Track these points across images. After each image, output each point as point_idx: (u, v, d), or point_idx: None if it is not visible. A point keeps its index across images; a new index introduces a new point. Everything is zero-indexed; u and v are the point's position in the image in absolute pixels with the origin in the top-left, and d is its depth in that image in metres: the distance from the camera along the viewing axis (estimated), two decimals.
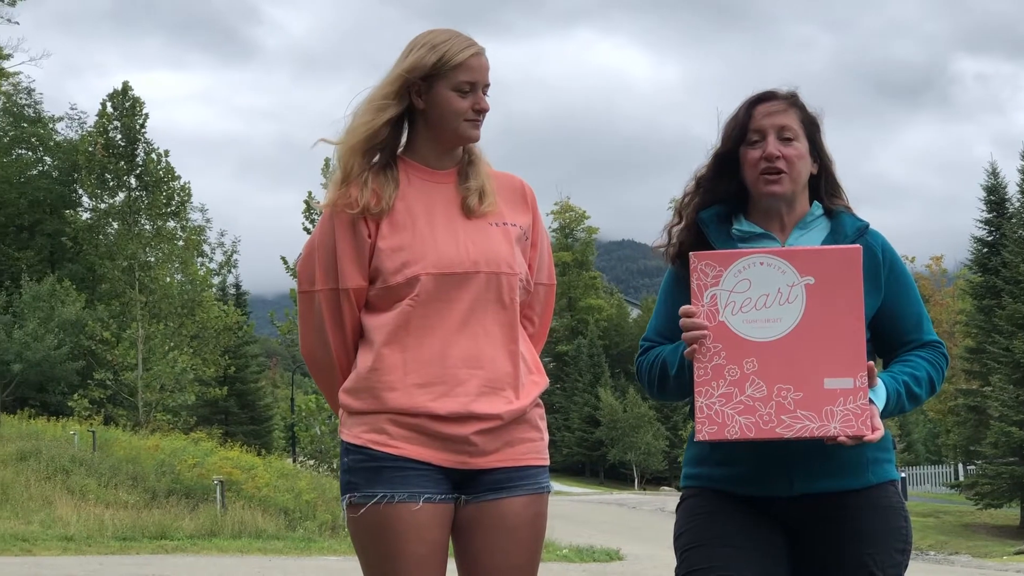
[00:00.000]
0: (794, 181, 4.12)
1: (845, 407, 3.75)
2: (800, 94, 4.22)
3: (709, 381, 3.81)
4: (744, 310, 3.82)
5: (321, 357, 4.24)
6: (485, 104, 4.18)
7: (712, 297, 3.84)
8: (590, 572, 21.08)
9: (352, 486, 4.07)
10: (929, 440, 79.98)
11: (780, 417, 3.76)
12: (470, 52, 4.15)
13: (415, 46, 4.17)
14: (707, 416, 3.80)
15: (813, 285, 3.80)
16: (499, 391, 4.10)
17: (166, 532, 24.32)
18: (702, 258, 3.87)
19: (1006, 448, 42.61)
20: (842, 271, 3.81)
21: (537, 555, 4.27)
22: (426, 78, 4.13)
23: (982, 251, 49.93)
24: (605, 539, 26.95)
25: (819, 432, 3.75)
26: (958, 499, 51.68)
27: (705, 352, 3.83)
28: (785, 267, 3.82)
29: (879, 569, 4.02)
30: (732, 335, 3.82)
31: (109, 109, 53.30)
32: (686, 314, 3.86)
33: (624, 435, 74.04)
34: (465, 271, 4.08)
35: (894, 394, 3.96)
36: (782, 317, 3.80)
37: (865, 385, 3.77)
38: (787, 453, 4.00)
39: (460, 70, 4.12)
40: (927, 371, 4.10)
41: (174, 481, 29.62)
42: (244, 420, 65.02)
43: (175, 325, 51.32)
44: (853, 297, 3.80)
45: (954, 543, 38.82)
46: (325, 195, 4.20)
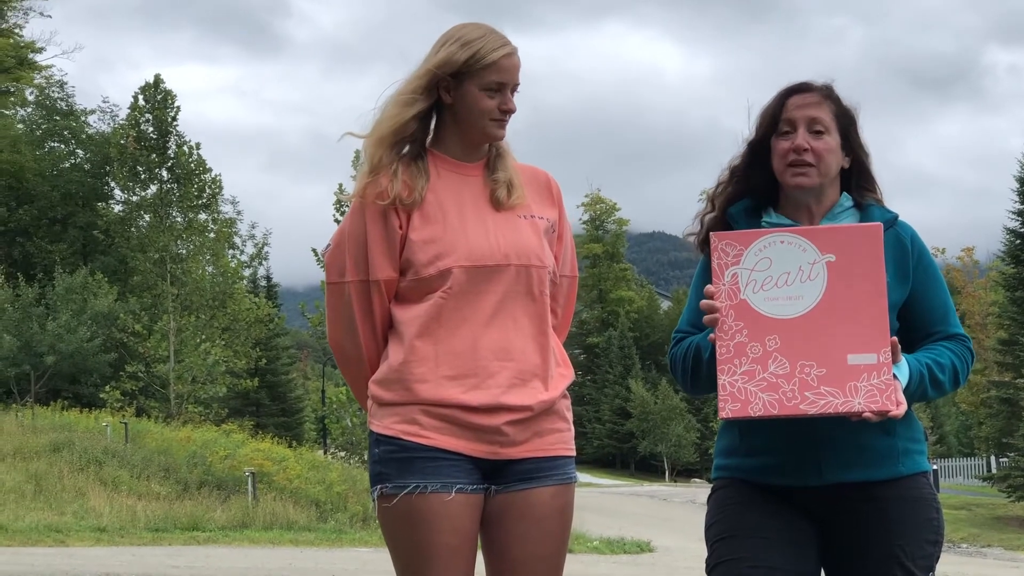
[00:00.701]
0: (822, 175, 4.11)
1: (869, 383, 3.73)
2: (835, 87, 4.21)
3: (732, 359, 3.80)
4: (765, 288, 3.81)
5: (349, 349, 4.25)
6: (512, 105, 4.18)
7: (733, 276, 3.84)
8: (620, 563, 21.08)
9: (384, 476, 4.08)
10: (961, 432, 79.72)
11: (803, 394, 3.75)
12: (502, 52, 4.14)
13: (447, 41, 4.16)
14: (730, 394, 3.79)
15: (834, 262, 3.79)
16: (529, 383, 4.11)
17: (198, 523, 24.40)
18: (723, 238, 3.88)
19: None
20: (863, 248, 3.80)
21: (564, 545, 4.28)
22: (456, 75, 4.13)
23: (1015, 242, 49.68)
24: (636, 531, 26.95)
25: (843, 408, 3.74)
26: (990, 491, 51.46)
27: (727, 330, 3.82)
28: (806, 245, 3.82)
29: (909, 560, 4.01)
30: (754, 313, 3.81)
31: (141, 102, 53.45)
32: (707, 295, 3.86)
33: (655, 427, 73.98)
34: (496, 264, 4.09)
35: (916, 374, 3.94)
36: (804, 294, 3.79)
37: (889, 360, 3.75)
38: (817, 443, 4.00)
39: (491, 70, 4.12)
40: (951, 360, 4.07)
41: (206, 473, 29.72)
42: (275, 412, 65.17)
43: (206, 317, 51.46)
44: (875, 273, 3.79)
45: (986, 536, 38.66)
46: (354, 186, 4.21)
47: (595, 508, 33.68)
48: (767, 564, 3.98)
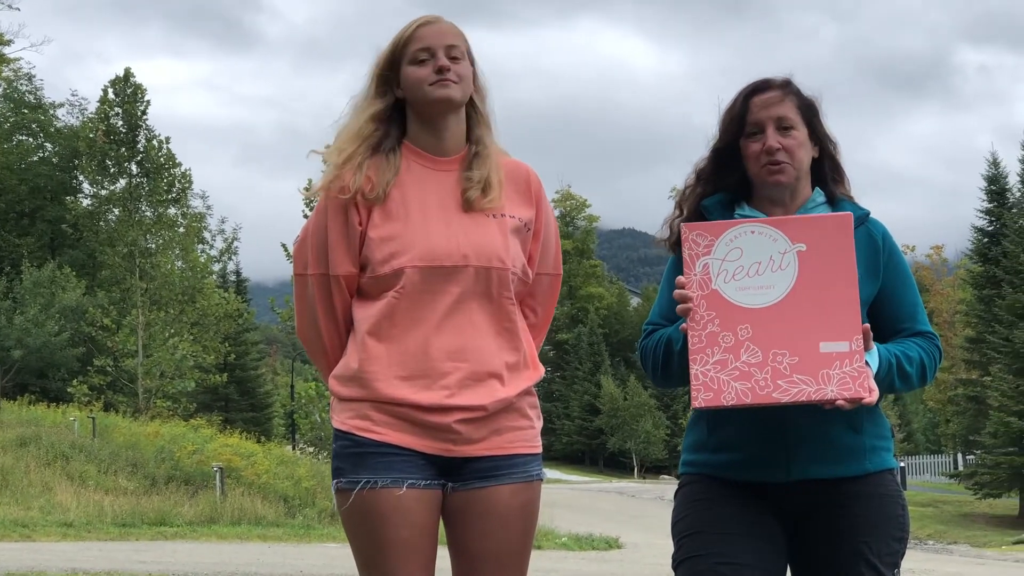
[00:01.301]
0: (797, 169, 4.13)
1: (841, 370, 3.75)
2: (794, 80, 4.22)
3: (704, 348, 3.81)
4: (737, 278, 3.83)
5: (313, 340, 4.26)
6: (444, 62, 4.12)
7: (704, 266, 3.85)
8: (589, 560, 21.11)
9: (339, 471, 4.09)
10: (929, 430, 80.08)
11: (776, 382, 3.76)
12: (417, 24, 4.17)
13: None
14: (703, 383, 3.79)
15: (805, 252, 3.81)
16: (484, 382, 4.08)
17: (165, 518, 24.36)
18: (693, 228, 3.89)
19: (1005, 438, 42.65)
20: (834, 237, 3.82)
21: (527, 544, 4.26)
22: (393, 67, 4.17)
23: (983, 241, 49.98)
24: (604, 527, 26.99)
25: (816, 396, 3.75)
26: (957, 489, 51.70)
27: (699, 320, 3.83)
28: (776, 235, 3.83)
29: (875, 557, 4.02)
30: (725, 302, 3.82)
31: (111, 96, 53.28)
32: (678, 285, 3.88)
33: (624, 423, 74.05)
34: (454, 264, 4.06)
35: (885, 363, 3.95)
36: (775, 284, 3.81)
37: (861, 348, 3.77)
38: (785, 438, 4.01)
39: (412, 43, 4.14)
40: (920, 355, 4.09)
41: (174, 468, 29.65)
42: (244, 407, 65.06)
43: (175, 312, 51.32)
44: (845, 262, 3.81)
45: (953, 533, 38.82)
46: (318, 180, 4.21)
47: (564, 504, 33.72)
48: (734, 560, 3.99)
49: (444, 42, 4.16)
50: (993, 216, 49.79)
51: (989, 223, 50.07)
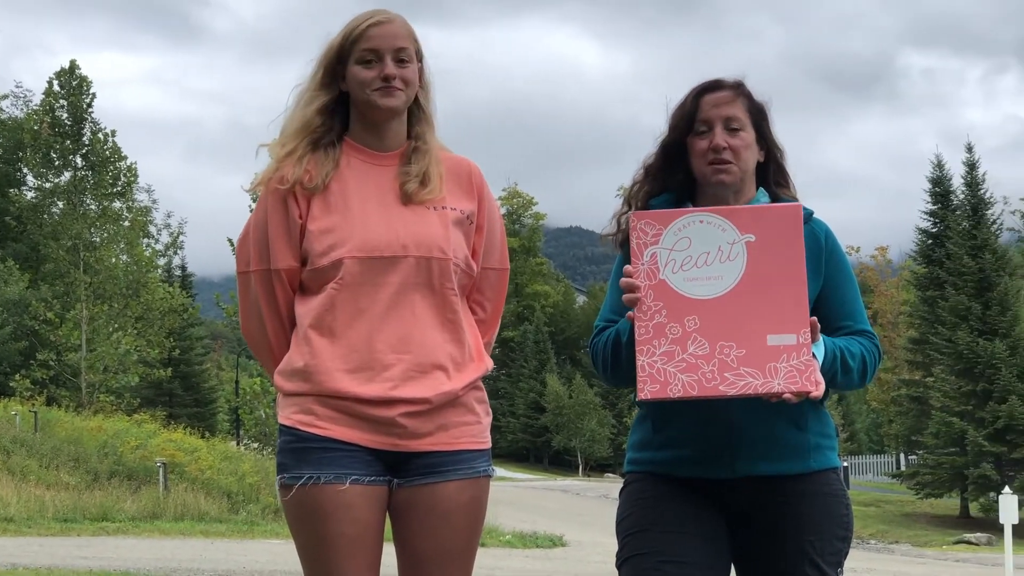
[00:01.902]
0: (742, 170, 4.13)
1: (789, 363, 3.73)
2: (746, 83, 4.23)
3: (651, 340, 3.78)
4: (685, 268, 3.79)
5: (258, 338, 4.23)
6: (391, 70, 4.11)
7: (652, 255, 3.81)
8: (533, 558, 21.13)
9: (283, 467, 4.07)
10: (872, 430, 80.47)
11: (723, 375, 3.74)
12: (368, 23, 4.13)
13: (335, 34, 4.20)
14: (649, 375, 3.76)
15: (754, 242, 3.79)
16: (428, 374, 4.06)
17: (108, 514, 24.21)
18: (641, 217, 3.86)
19: (947, 438, 43.01)
20: (783, 228, 3.80)
21: (474, 540, 4.24)
22: (341, 60, 4.15)
23: (927, 243, 50.27)
24: (549, 525, 27.02)
25: (763, 389, 3.73)
26: (899, 488, 52.03)
27: (646, 311, 3.79)
28: (725, 225, 3.80)
29: (819, 556, 4.04)
30: (673, 293, 3.79)
31: (56, 88, 52.90)
32: (626, 274, 3.85)
33: (569, 422, 74.13)
34: (393, 254, 4.05)
35: (830, 355, 3.95)
36: (723, 274, 3.78)
37: (808, 341, 3.75)
38: (730, 435, 4.02)
39: (360, 41, 4.11)
40: (861, 352, 4.10)
41: (116, 463, 29.48)
42: (188, 402, 64.78)
43: (120, 306, 51.00)
44: (794, 254, 3.79)
45: (895, 532, 39.14)
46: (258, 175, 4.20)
47: (508, 502, 33.72)
48: (678, 558, 3.99)
49: (394, 45, 4.14)
50: (937, 218, 50.09)
51: (933, 225, 50.38)
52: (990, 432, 41.31)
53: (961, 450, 42.44)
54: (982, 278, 43.66)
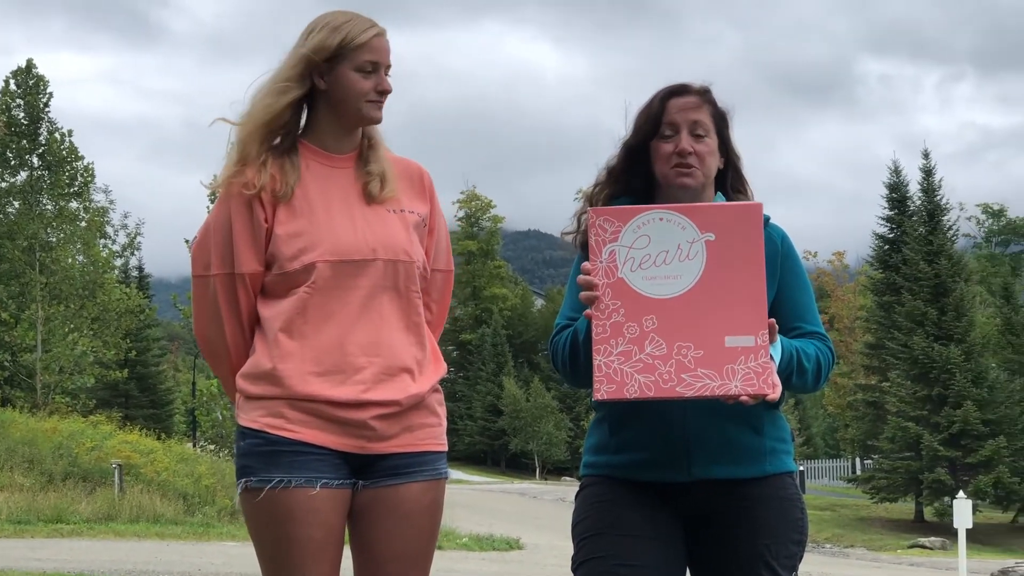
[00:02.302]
0: (705, 176, 4.14)
1: (746, 365, 3.70)
2: (712, 90, 4.25)
3: (608, 339, 3.74)
4: (643, 266, 3.76)
5: (216, 342, 4.20)
6: (388, 85, 4.15)
7: (611, 253, 3.78)
8: (490, 560, 21.14)
9: (249, 470, 4.04)
10: (828, 434, 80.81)
11: (680, 376, 3.70)
12: (372, 32, 4.12)
13: (316, 27, 4.14)
14: (605, 375, 3.73)
15: (714, 241, 3.75)
16: (396, 377, 4.08)
17: (62, 516, 24.07)
18: (600, 213, 3.83)
19: (902, 443, 43.25)
20: (743, 227, 3.77)
21: (433, 542, 4.26)
22: (329, 59, 4.10)
23: (883, 248, 50.60)
24: (505, 528, 27.03)
25: (720, 391, 3.71)
26: (855, 493, 52.29)
27: (604, 309, 3.76)
28: (685, 223, 3.77)
29: (774, 560, 4.05)
30: (631, 292, 3.76)
31: (12, 87, 52.54)
32: (584, 271, 3.83)
33: (527, 425, 74.06)
34: (363, 258, 4.06)
35: (787, 355, 3.95)
36: (682, 274, 3.75)
37: (766, 343, 3.73)
38: (686, 438, 4.02)
39: (363, 50, 4.10)
40: (816, 353, 4.10)
41: (71, 464, 29.27)
42: (144, 404, 64.48)
43: (76, 307, 50.67)
44: (754, 254, 3.76)
45: (850, 536, 39.31)
46: (219, 175, 4.16)
47: (465, 505, 33.70)
48: (634, 562, 4.00)
49: (388, 60, 4.18)
50: (894, 224, 50.42)
51: (890, 230, 50.69)
52: (945, 437, 41.57)
53: (916, 455, 42.66)
54: (938, 283, 43.93)
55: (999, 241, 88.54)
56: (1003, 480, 40.79)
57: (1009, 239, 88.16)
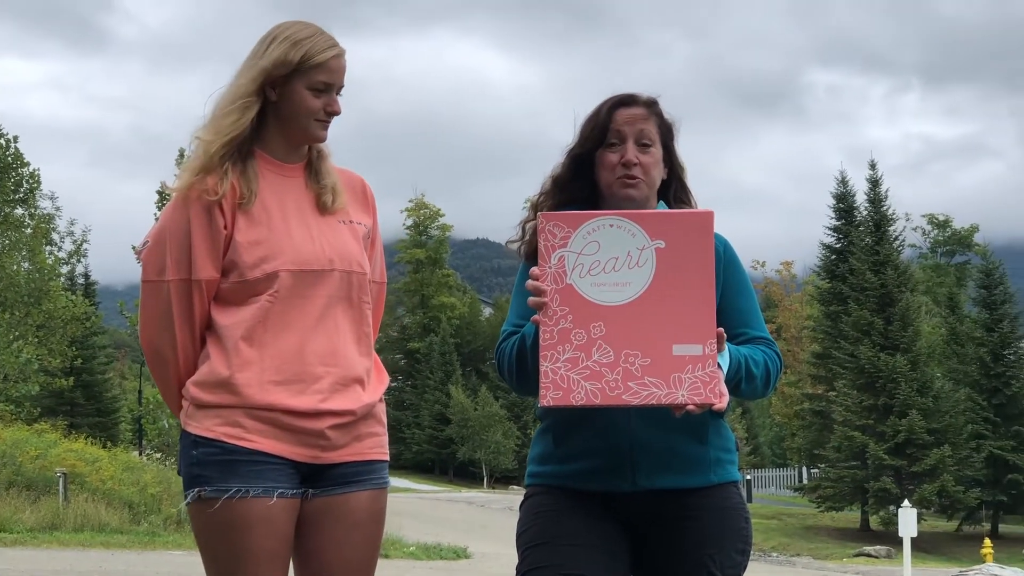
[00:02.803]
0: (649, 187, 4.16)
1: (693, 374, 3.69)
2: (660, 101, 4.25)
3: (555, 345, 3.72)
4: (593, 273, 3.74)
5: (165, 349, 4.15)
6: (338, 107, 4.15)
7: (560, 259, 3.76)
8: (436, 569, 21.11)
9: (203, 479, 4.01)
10: (775, 443, 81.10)
11: (627, 383, 3.69)
12: (332, 53, 4.10)
13: (276, 39, 4.10)
14: (552, 381, 3.71)
15: (664, 249, 3.74)
16: (350, 387, 4.10)
17: (5, 525, 23.86)
18: (550, 219, 3.80)
19: (848, 452, 43.48)
20: (693, 236, 3.75)
21: (377, 550, 4.29)
22: (287, 74, 4.08)
23: (830, 258, 50.85)
24: (453, 537, 27.00)
25: (666, 400, 3.70)
26: (801, 502, 52.52)
27: (552, 315, 3.74)
28: (635, 230, 3.75)
29: (718, 569, 4.06)
30: (580, 298, 3.74)
31: None
32: (532, 277, 3.81)
33: (474, 433, 74.04)
34: (322, 268, 4.07)
35: (735, 363, 3.95)
36: (631, 281, 3.73)
37: (714, 352, 3.72)
38: (632, 448, 4.02)
39: (319, 70, 4.08)
40: (764, 358, 4.11)
41: (15, 473, 29.03)
42: (90, 412, 64.06)
43: (21, 314, 50.30)
44: (704, 262, 3.75)
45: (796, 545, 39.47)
46: (177, 180, 4.10)
47: (413, 514, 33.66)
48: (578, 571, 4.00)
49: (342, 82, 4.18)
50: (841, 234, 50.67)
51: (837, 241, 50.95)
52: (890, 446, 41.82)
53: (862, 463, 42.90)
54: (884, 293, 44.21)
55: (944, 252, 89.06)
56: (948, 489, 41.06)
57: (954, 249, 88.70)
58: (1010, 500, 44.60)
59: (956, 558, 37.10)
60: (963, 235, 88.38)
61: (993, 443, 44.57)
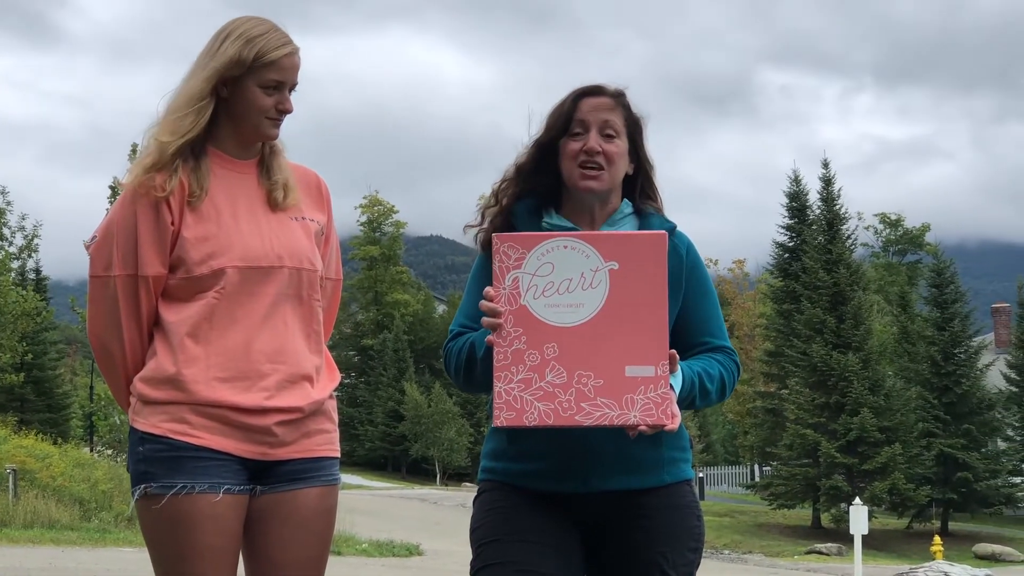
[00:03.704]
0: (612, 178, 4.13)
1: (646, 395, 3.70)
2: (628, 94, 4.23)
3: (509, 366, 3.74)
4: (546, 294, 3.75)
5: (112, 345, 4.14)
6: (289, 106, 4.14)
7: (514, 280, 3.77)
8: (389, 566, 21.09)
9: (149, 476, 4.00)
10: (728, 441, 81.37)
11: (580, 404, 3.70)
12: (285, 51, 4.09)
13: (229, 36, 4.08)
14: (506, 401, 3.73)
15: (617, 270, 3.75)
16: (298, 384, 4.10)
17: None
18: (504, 240, 3.80)
19: (800, 450, 43.65)
20: (647, 257, 3.76)
21: (328, 548, 4.28)
22: (239, 73, 4.06)
23: (783, 256, 51.03)
24: (405, 534, 26.99)
25: (619, 421, 3.71)
26: (753, 499, 52.69)
27: (506, 336, 3.75)
28: (589, 251, 3.76)
29: (671, 568, 4.07)
30: (533, 319, 3.75)
31: None
32: (486, 297, 3.80)
33: (428, 430, 73.97)
34: (270, 265, 4.06)
35: (688, 383, 3.95)
36: (585, 302, 3.74)
37: (666, 373, 3.73)
38: (584, 450, 4.02)
39: (272, 68, 4.07)
40: (720, 372, 4.11)
41: None
42: (41, 408, 63.65)
43: None
44: (657, 284, 3.76)
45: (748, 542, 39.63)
46: (127, 175, 4.08)
47: (365, 511, 33.59)
48: (532, 568, 4.00)
49: (294, 80, 4.16)
50: (794, 232, 50.86)
51: (790, 239, 51.13)
52: (842, 444, 42.04)
53: (814, 461, 43.09)
54: (836, 292, 44.41)
55: (896, 251, 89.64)
56: (898, 486, 41.30)
57: (906, 248, 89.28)
58: (960, 498, 44.95)
59: (906, 555, 37.34)
60: (915, 234, 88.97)
61: (943, 441, 44.91)
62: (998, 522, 48.12)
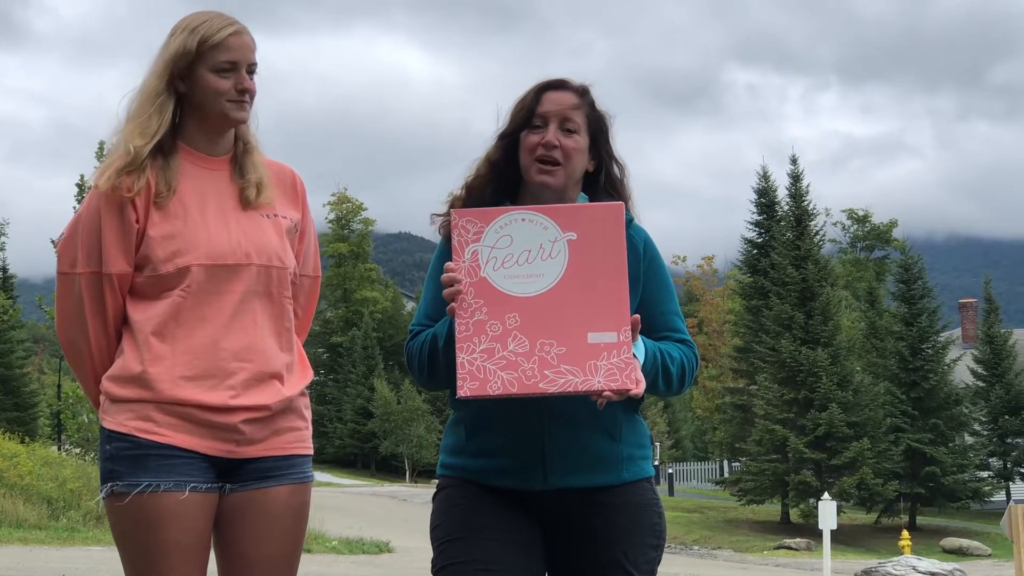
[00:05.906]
0: (568, 174, 4.11)
1: (609, 361, 3.73)
2: (592, 91, 4.22)
3: (471, 337, 3.76)
4: (506, 266, 3.79)
5: (79, 343, 4.14)
6: (248, 84, 4.13)
7: (473, 253, 3.80)
8: (359, 564, 21.06)
9: (115, 474, 4.00)
10: (697, 437, 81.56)
11: (543, 372, 3.73)
12: (228, 31, 4.09)
13: (175, 31, 4.11)
14: (469, 372, 3.75)
15: (576, 241, 3.79)
16: (266, 382, 4.10)
17: None
18: (463, 215, 3.84)
19: (769, 446, 43.74)
20: (604, 227, 3.81)
21: (300, 545, 4.28)
22: (190, 63, 4.07)
23: (752, 252, 51.16)
24: (375, 531, 26.95)
25: (583, 387, 3.73)
26: (723, 495, 52.81)
27: (467, 308, 3.78)
28: (547, 223, 3.81)
29: (632, 565, 4.07)
30: (494, 290, 3.78)
31: None
32: (447, 271, 3.82)
33: (397, 427, 73.94)
34: (237, 262, 4.05)
35: (651, 356, 3.96)
36: (544, 272, 3.78)
37: (629, 339, 3.76)
38: (543, 447, 4.02)
39: (219, 50, 4.07)
40: (680, 356, 4.12)
41: None
42: (8, 406, 63.36)
43: None
44: (616, 252, 3.80)
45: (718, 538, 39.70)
46: (100, 177, 4.07)
47: (335, 508, 33.54)
48: (494, 566, 4.00)
49: (249, 58, 4.14)
50: (762, 228, 50.99)
51: (758, 235, 51.26)
52: (811, 439, 42.12)
53: (783, 457, 43.18)
54: (805, 288, 44.48)
55: (863, 246, 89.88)
56: (867, 481, 41.41)
57: (873, 244, 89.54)
58: (927, 492, 45.07)
59: (875, 550, 37.44)
60: (882, 230, 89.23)
61: (911, 436, 45.05)
62: (965, 516, 48.31)
